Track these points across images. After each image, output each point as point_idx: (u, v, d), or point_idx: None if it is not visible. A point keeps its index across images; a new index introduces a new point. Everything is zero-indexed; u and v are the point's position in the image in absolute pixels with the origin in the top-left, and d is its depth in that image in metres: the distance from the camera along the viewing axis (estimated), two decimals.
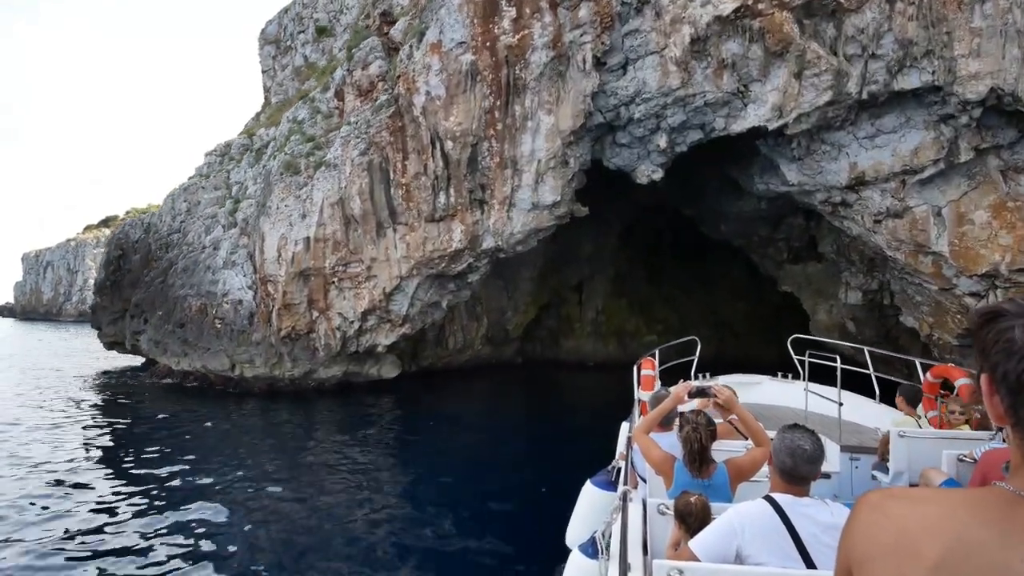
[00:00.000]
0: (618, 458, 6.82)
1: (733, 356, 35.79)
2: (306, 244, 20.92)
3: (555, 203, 19.03)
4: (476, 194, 19.10)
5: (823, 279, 27.27)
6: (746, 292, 37.94)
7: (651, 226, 35.58)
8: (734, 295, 37.81)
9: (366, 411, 20.66)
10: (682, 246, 37.60)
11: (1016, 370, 1.03)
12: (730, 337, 37.50)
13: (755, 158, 20.74)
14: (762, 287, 37.93)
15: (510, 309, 29.98)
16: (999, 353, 1.06)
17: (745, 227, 26.99)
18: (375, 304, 20.97)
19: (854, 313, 26.34)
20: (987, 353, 1.09)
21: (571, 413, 23.33)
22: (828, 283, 27.09)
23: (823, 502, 2.91)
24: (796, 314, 36.80)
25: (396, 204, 19.87)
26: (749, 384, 10.20)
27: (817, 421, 7.67)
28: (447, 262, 20.01)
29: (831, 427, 6.81)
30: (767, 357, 30.73)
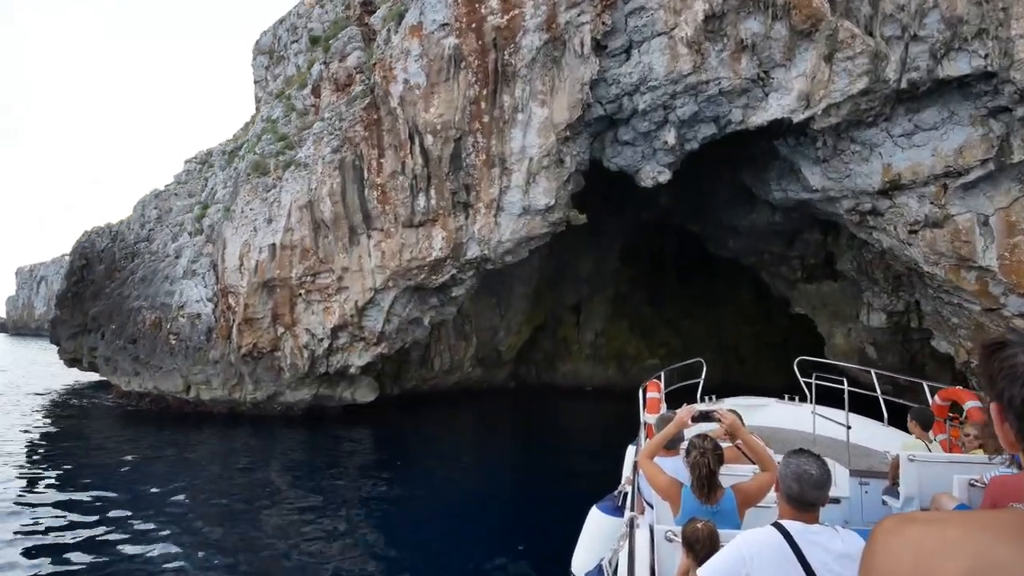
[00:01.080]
0: (624, 483, 6.47)
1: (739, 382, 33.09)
2: (271, 252, 18.34)
3: (549, 207, 16.46)
4: (460, 196, 16.55)
5: (840, 300, 24.60)
6: (753, 315, 35.34)
7: (653, 244, 33.04)
8: (740, 318, 35.20)
9: (333, 441, 17.87)
10: (685, 266, 35.06)
11: (1021, 395, 1.04)
12: (735, 362, 34.87)
13: (772, 162, 18.23)
14: (770, 310, 35.38)
15: (502, 329, 27.28)
16: (1005, 380, 1.07)
17: (756, 243, 24.39)
18: (347, 320, 18.30)
19: (875, 337, 23.62)
20: (994, 381, 1.10)
21: (568, 441, 20.64)
22: (846, 304, 24.41)
23: (834, 529, 2.76)
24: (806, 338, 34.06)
25: (370, 207, 17.31)
26: (755, 407, 9.65)
27: (825, 444, 7.41)
28: (427, 273, 17.39)
29: (840, 451, 6.66)
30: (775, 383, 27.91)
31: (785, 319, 35.20)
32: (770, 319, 35.29)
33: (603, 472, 9.22)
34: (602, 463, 10.23)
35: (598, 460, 11.98)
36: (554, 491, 12.73)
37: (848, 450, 6.51)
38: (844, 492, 5.84)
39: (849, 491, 5.91)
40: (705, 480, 3.85)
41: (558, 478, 14.11)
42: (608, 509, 6.15)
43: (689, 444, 4.03)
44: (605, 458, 10.10)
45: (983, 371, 1.13)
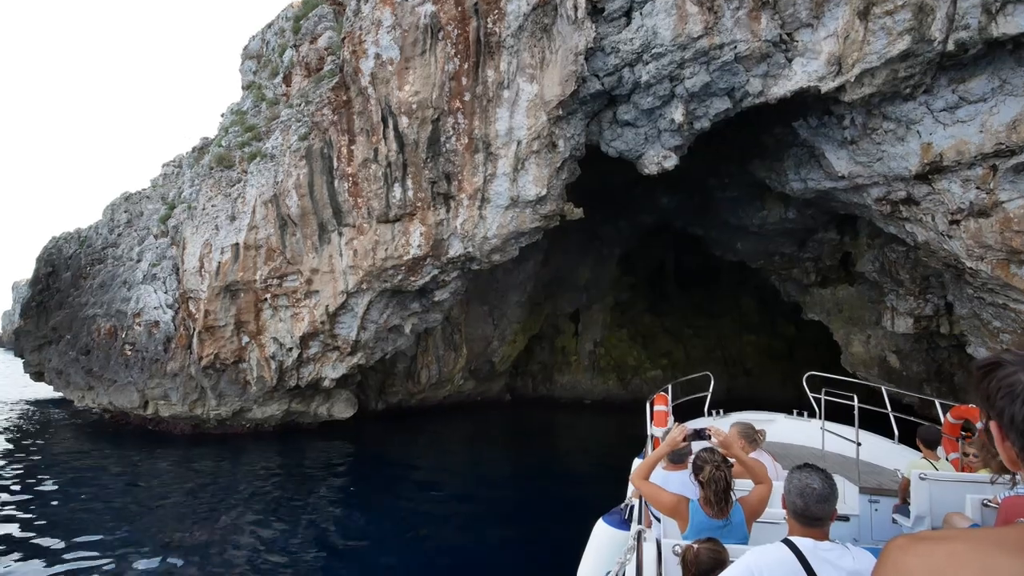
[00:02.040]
0: (631, 495, 6.04)
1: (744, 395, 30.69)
2: (234, 252, 15.94)
3: (540, 198, 14.06)
4: (439, 186, 14.17)
5: (858, 305, 22.10)
6: (756, 324, 32.89)
7: (653, 251, 30.65)
8: (743, 327, 32.77)
9: (301, 461, 15.35)
10: (686, 273, 32.67)
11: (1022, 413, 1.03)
12: (741, 374, 32.42)
13: (789, 150, 15.84)
14: (774, 319, 32.98)
15: (496, 339, 24.80)
16: (1004, 399, 1.07)
17: (766, 245, 21.95)
18: (317, 327, 15.85)
19: (898, 344, 21.09)
20: (992, 401, 1.10)
21: (568, 456, 18.17)
22: (864, 309, 21.91)
23: (844, 547, 2.65)
24: (813, 348, 31.79)
25: (341, 200, 14.93)
26: (762, 422, 8.93)
27: (834, 461, 7.23)
28: (404, 274, 14.96)
29: (849, 468, 6.51)
30: (782, 396, 25.36)
31: (791, 328, 32.78)
32: (775, 329, 32.90)
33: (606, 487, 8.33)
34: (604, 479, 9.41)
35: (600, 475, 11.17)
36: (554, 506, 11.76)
37: (858, 467, 6.28)
38: (854, 510, 5.67)
39: (859, 509, 5.72)
40: (722, 494, 3.66)
41: (558, 493, 12.96)
42: (614, 522, 5.80)
43: (699, 459, 3.82)
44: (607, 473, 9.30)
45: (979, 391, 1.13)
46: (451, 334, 22.58)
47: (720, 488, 3.67)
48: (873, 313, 21.69)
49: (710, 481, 3.67)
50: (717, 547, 3.21)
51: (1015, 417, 1.03)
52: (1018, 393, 1.03)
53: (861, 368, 22.47)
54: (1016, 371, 1.05)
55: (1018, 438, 1.04)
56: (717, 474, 3.69)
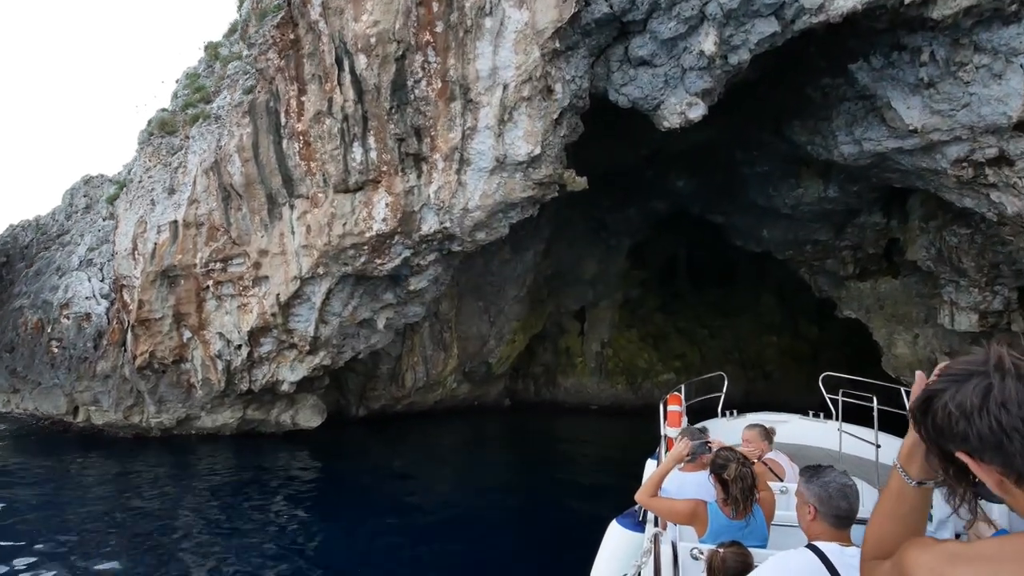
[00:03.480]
0: None
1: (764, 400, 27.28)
2: (172, 231, 12.81)
3: (533, 159, 10.77)
4: (408, 144, 10.93)
5: (903, 300, 18.54)
6: (777, 324, 29.32)
7: (665, 243, 27.22)
8: (763, 327, 29.21)
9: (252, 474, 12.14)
10: (700, 268, 29.20)
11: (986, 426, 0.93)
12: (760, 378, 28.86)
13: (839, 105, 12.44)
14: (796, 319, 29.40)
15: (492, 338, 21.49)
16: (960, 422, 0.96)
17: (797, 231, 18.45)
18: (267, 320, 12.66)
19: (951, 344, 17.48)
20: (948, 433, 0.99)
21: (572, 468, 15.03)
22: (911, 304, 18.36)
23: None
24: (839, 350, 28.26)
25: (292, 165, 11.74)
26: (777, 423, 7.57)
27: (851, 463, 6.80)
28: (368, 255, 11.71)
29: (868, 470, 6.24)
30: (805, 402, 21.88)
31: (814, 329, 29.20)
32: (797, 329, 29.33)
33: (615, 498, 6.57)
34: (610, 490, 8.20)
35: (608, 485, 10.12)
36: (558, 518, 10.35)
37: (877, 469, 5.90)
38: None
39: None
40: (748, 492, 3.43)
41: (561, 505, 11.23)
42: (629, 524, 5.10)
43: (722, 458, 3.54)
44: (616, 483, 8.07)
45: (928, 432, 1.04)
46: (440, 332, 19.32)
47: (747, 485, 3.41)
48: (922, 309, 18.14)
49: (736, 479, 3.39)
50: (743, 551, 3.00)
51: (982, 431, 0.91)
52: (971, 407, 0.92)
53: (907, 372, 18.84)
54: (955, 390, 0.95)
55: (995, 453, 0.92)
56: (743, 471, 3.43)
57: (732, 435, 6.34)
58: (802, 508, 2.62)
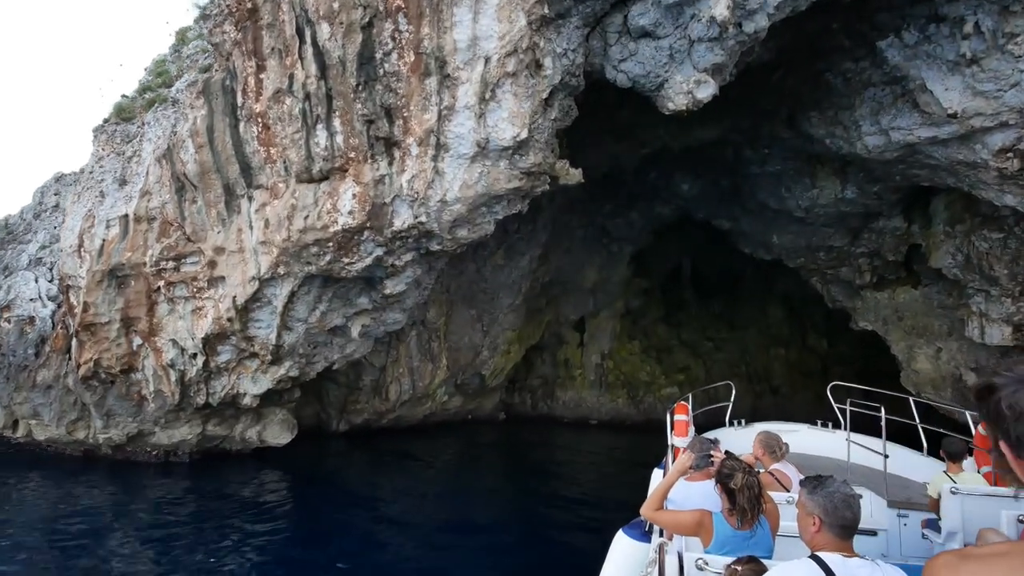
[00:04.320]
0: None
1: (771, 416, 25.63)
2: (123, 226, 11.34)
3: (520, 144, 9.26)
4: (379, 127, 9.44)
5: (923, 311, 16.88)
6: (784, 337, 27.65)
7: (668, 251, 25.65)
8: (770, 340, 27.56)
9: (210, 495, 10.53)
10: (706, 278, 27.62)
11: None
12: (768, 392, 27.14)
13: (864, 91, 10.91)
14: (805, 332, 27.74)
15: (485, 348, 19.90)
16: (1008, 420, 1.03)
17: (810, 237, 16.85)
18: (224, 325, 11.12)
19: (978, 359, 15.80)
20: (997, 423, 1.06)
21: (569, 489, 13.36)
22: (932, 316, 16.70)
23: (875, 563, 2.44)
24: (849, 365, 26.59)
25: (250, 152, 10.27)
26: (785, 432, 6.93)
27: (860, 473, 6.76)
28: (334, 252, 10.17)
29: (876, 481, 6.07)
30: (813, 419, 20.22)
31: (823, 343, 27.54)
32: (805, 342, 27.65)
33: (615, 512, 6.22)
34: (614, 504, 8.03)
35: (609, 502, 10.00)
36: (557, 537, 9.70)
37: (885, 480, 5.80)
38: (882, 524, 5.18)
39: (887, 523, 5.25)
40: (755, 501, 3.35)
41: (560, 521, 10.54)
42: (635, 534, 4.98)
43: (728, 468, 3.44)
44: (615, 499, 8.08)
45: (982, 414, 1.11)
46: (428, 341, 17.74)
47: (753, 494, 3.32)
48: (945, 321, 16.48)
49: (743, 488, 3.32)
50: (759, 568, 2.85)
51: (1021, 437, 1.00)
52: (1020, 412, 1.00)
53: (928, 388, 17.17)
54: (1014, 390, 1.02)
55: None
56: (750, 480, 3.36)
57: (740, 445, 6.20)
58: (805, 519, 2.57)
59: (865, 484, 5.72)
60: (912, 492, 6.31)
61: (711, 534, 3.37)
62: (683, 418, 6.87)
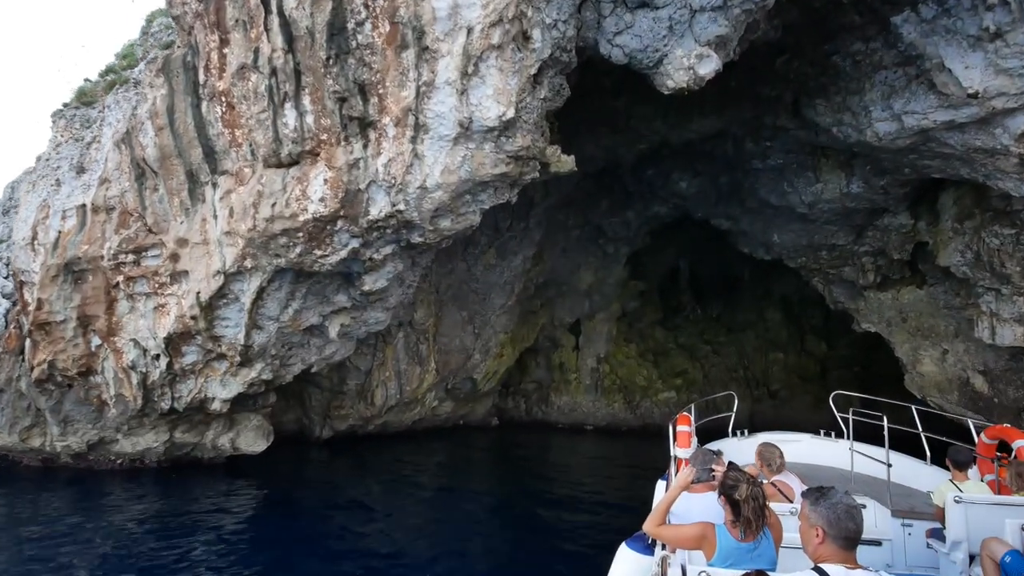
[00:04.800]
0: None
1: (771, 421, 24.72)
2: (80, 217, 10.39)
3: (506, 124, 8.37)
4: (352, 106, 8.54)
5: (928, 311, 16.06)
6: (783, 341, 26.82)
7: (666, 253, 24.81)
8: (768, 344, 26.71)
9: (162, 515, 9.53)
10: (704, 280, 26.79)
11: None
12: (766, 397, 26.30)
13: (875, 74, 10.08)
14: (803, 335, 26.93)
15: (477, 351, 18.96)
16: None
17: (812, 235, 16.00)
18: (188, 324, 10.16)
19: (987, 362, 15.03)
20: None
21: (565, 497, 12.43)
22: (938, 317, 15.89)
23: (879, 575, 2.44)
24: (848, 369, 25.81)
25: (213, 134, 9.35)
26: (787, 442, 7.35)
27: (864, 483, 6.71)
28: (305, 243, 9.25)
29: (879, 490, 5.99)
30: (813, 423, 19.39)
31: (822, 346, 26.70)
32: (804, 346, 26.82)
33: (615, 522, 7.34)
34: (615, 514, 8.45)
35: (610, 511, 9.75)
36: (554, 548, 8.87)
37: (889, 489, 5.70)
38: (886, 534, 5.19)
39: (891, 533, 5.20)
40: (760, 511, 3.26)
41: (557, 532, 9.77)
42: (638, 547, 4.84)
43: (732, 479, 3.38)
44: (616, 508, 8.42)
45: None
46: (416, 344, 16.79)
47: (758, 505, 3.26)
48: (951, 322, 15.66)
49: (748, 499, 3.25)
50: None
51: None
52: None
53: (934, 392, 16.32)
54: None
55: None
56: (756, 491, 3.30)
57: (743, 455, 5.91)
58: (808, 532, 2.54)
59: (869, 494, 5.55)
60: (916, 501, 6.21)
61: (714, 546, 3.27)
62: (686, 429, 6.63)
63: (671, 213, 19.54)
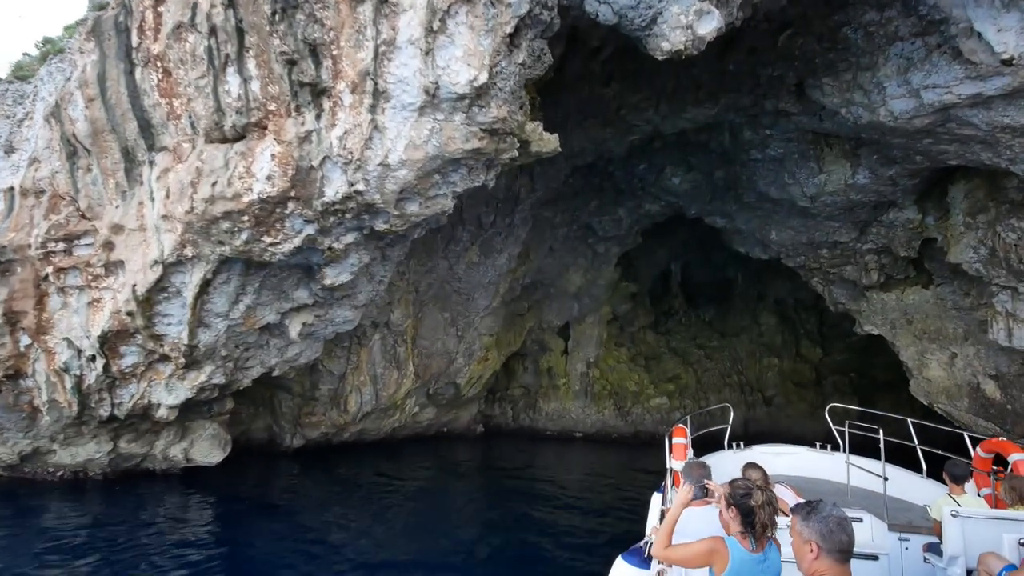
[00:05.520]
0: (651, 532, 5.13)
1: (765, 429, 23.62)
2: (8, 201, 9.12)
3: (478, 91, 7.17)
4: (303, 70, 7.34)
5: (935, 313, 14.96)
6: (777, 346, 25.74)
7: (657, 254, 23.68)
8: (763, 349, 25.65)
9: (93, 541, 8.20)
10: (696, 283, 25.70)
11: None
12: (760, 403, 25.18)
13: (891, 46, 8.98)
14: (798, 340, 25.86)
15: (460, 354, 17.70)
16: None
17: (812, 232, 14.89)
18: (124, 321, 8.88)
19: (998, 366, 13.93)
20: None
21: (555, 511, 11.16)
22: (946, 318, 14.79)
23: None
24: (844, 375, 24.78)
25: (149, 105, 8.12)
26: (784, 455, 7.98)
27: (860, 496, 6.68)
28: (251, 229, 8.00)
29: (876, 503, 5.84)
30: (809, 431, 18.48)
31: (817, 351, 25.63)
32: (799, 351, 25.74)
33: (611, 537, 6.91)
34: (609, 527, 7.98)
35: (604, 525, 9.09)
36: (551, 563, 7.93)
37: (885, 503, 5.62)
38: (883, 548, 4.91)
39: (888, 547, 4.95)
40: (772, 518, 3.21)
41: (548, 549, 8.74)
42: (635, 560, 4.54)
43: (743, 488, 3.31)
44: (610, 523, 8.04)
45: None
46: (393, 346, 15.52)
47: (773, 510, 3.23)
48: (960, 324, 14.56)
49: (764, 504, 3.19)
50: None
51: None
52: None
53: (942, 398, 15.18)
54: None
55: None
56: (769, 495, 3.28)
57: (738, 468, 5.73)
58: (802, 547, 2.50)
59: (865, 507, 5.43)
60: (913, 515, 6.09)
61: (726, 560, 3.16)
62: (682, 441, 6.44)
63: (663, 211, 18.40)
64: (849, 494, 6.84)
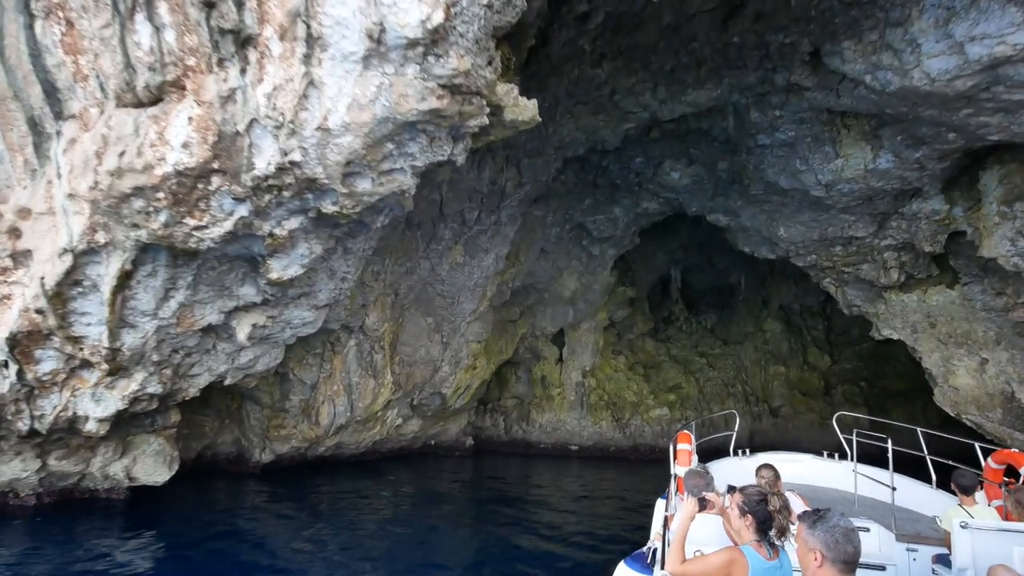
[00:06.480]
0: (654, 538, 5.28)
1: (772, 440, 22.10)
2: None
3: (433, 35, 5.77)
4: (223, 15, 5.96)
5: (961, 315, 13.41)
6: (782, 354, 24.19)
7: (656, 257, 22.23)
8: (768, 357, 24.11)
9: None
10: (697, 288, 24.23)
11: None
12: (766, 414, 23.58)
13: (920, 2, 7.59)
14: (805, 348, 24.31)
15: (446, 362, 16.21)
16: None
17: (825, 227, 13.40)
18: (35, 320, 7.46)
19: None
20: None
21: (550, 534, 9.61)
22: (975, 321, 13.25)
23: None
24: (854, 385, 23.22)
25: (53, 64, 6.78)
26: (790, 462, 7.62)
27: (868, 506, 6.57)
28: (170, 208, 6.59)
29: (884, 513, 5.78)
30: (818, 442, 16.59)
31: (825, 360, 24.05)
32: (806, 359, 24.19)
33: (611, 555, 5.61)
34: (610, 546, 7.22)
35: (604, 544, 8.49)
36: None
37: (893, 513, 5.48)
38: (891, 559, 4.86)
39: (895, 558, 4.88)
40: (787, 522, 3.14)
41: None
42: (637, 566, 4.63)
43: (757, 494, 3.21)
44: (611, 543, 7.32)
45: None
46: (370, 353, 14.04)
47: (789, 515, 3.15)
48: (991, 326, 13.01)
49: (782, 508, 3.14)
50: None
51: None
52: None
53: (971, 409, 13.57)
54: None
55: None
56: (784, 499, 3.19)
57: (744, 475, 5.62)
58: (807, 555, 2.46)
59: (873, 517, 5.24)
60: (921, 526, 5.98)
61: (746, 570, 2.99)
62: (686, 447, 6.20)
63: (662, 209, 16.97)
64: (857, 503, 6.74)
